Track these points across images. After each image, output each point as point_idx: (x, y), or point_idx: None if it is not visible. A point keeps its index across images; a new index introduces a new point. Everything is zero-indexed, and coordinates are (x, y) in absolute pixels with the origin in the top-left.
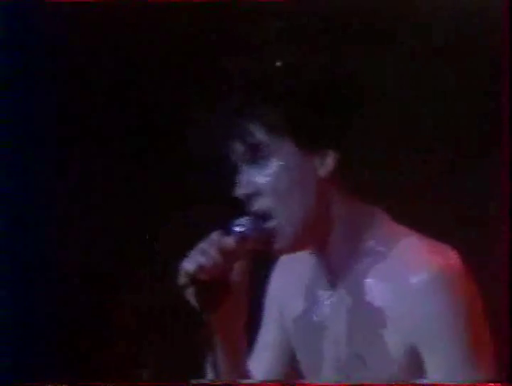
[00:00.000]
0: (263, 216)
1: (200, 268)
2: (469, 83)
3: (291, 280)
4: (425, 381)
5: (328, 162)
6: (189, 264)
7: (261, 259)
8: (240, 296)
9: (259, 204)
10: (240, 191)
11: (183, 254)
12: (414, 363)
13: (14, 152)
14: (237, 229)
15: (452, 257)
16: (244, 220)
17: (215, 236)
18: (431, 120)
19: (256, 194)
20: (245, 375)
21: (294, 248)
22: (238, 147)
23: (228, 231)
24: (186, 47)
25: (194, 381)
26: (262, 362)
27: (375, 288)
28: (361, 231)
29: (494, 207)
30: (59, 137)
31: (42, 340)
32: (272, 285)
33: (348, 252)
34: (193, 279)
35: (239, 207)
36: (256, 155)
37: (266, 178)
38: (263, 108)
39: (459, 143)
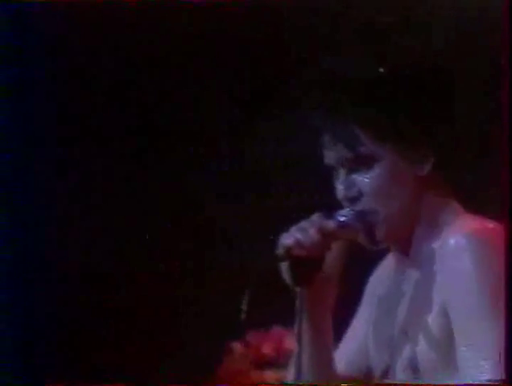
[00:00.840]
0: (365, 214)
1: (298, 243)
2: (469, 83)
3: (384, 275)
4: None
5: (426, 164)
6: (287, 239)
7: (358, 252)
8: (332, 277)
9: (361, 206)
10: (342, 196)
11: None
12: (446, 327)
13: (14, 152)
14: (340, 218)
15: (491, 225)
16: (346, 212)
17: (316, 217)
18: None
19: (358, 196)
20: (328, 362)
21: (388, 240)
22: (341, 152)
23: (330, 217)
24: (186, 47)
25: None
26: (346, 352)
27: (433, 258)
28: (439, 219)
29: (494, 207)
30: (59, 137)
31: (42, 340)
32: (371, 280)
33: (427, 239)
34: (289, 253)
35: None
36: (359, 159)
37: (368, 181)
38: (368, 113)
39: (459, 143)
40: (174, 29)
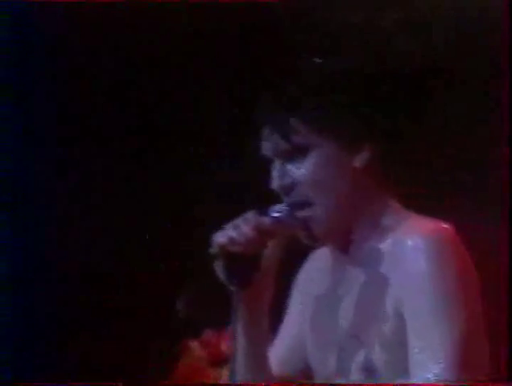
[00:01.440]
0: (301, 206)
1: (231, 241)
2: (469, 83)
3: (317, 271)
4: (424, 381)
5: (363, 155)
6: (221, 237)
7: (294, 249)
8: (268, 276)
9: (296, 195)
10: (276, 185)
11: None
12: (400, 329)
13: (14, 152)
14: (274, 214)
15: (446, 227)
16: (281, 207)
17: (250, 214)
18: (431, 120)
19: (292, 185)
20: (264, 362)
21: (327, 235)
22: (277, 142)
23: (265, 214)
24: (186, 47)
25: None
26: (278, 352)
27: (381, 259)
28: (381, 218)
29: (494, 207)
30: (59, 137)
31: (42, 340)
32: (301, 276)
33: (367, 237)
34: (223, 251)
35: (275, 199)
36: (294, 149)
37: (302, 170)
38: (304, 103)
39: (459, 143)
40: (174, 29)
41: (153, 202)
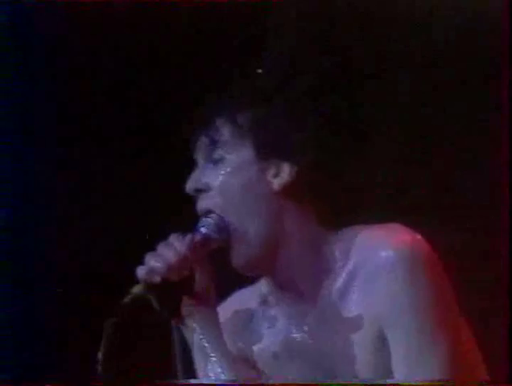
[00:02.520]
0: (206, 214)
1: (151, 270)
2: (469, 83)
3: (239, 313)
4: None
5: (283, 175)
6: (140, 270)
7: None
8: (205, 299)
9: (205, 202)
10: (189, 186)
11: None
12: (381, 353)
13: (15, 152)
14: (202, 230)
15: (418, 238)
16: (207, 221)
17: (172, 238)
18: (431, 120)
19: (203, 190)
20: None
21: (248, 267)
22: (202, 141)
23: (195, 231)
24: (186, 47)
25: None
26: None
27: (349, 288)
28: (320, 246)
29: (494, 207)
30: (59, 137)
31: (42, 340)
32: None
33: (313, 267)
34: (149, 284)
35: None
36: (214, 151)
37: (217, 176)
38: (232, 104)
39: (458, 143)
40: (174, 29)
41: (153, 202)
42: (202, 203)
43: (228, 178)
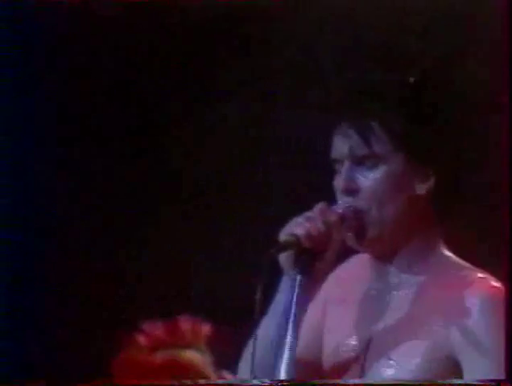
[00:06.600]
0: (355, 213)
1: (308, 232)
2: (469, 83)
3: (348, 277)
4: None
5: (428, 182)
6: (298, 229)
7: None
8: (326, 268)
9: (355, 202)
10: (343, 184)
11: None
12: (448, 366)
13: (14, 152)
14: (339, 211)
15: (499, 286)
16: (344, 207)
17: (322, 205)
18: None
19: (357, 191)
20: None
21: (375, 244)
22: (355, 145)
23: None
24: (186, 47)
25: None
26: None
27: (431, 299)
28: (428, 250)
29: (494, 208)
30: (59, 137)
31: (42, 340)
32: (330, 278)
33: (414, 256)
34: (299, 242)
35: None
36: (370, 157)
37: (370, 180)
38: (388, 116)
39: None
40: (174, 29)
41: (153, 202)
42: (351, 202)
43: (379, 183)
